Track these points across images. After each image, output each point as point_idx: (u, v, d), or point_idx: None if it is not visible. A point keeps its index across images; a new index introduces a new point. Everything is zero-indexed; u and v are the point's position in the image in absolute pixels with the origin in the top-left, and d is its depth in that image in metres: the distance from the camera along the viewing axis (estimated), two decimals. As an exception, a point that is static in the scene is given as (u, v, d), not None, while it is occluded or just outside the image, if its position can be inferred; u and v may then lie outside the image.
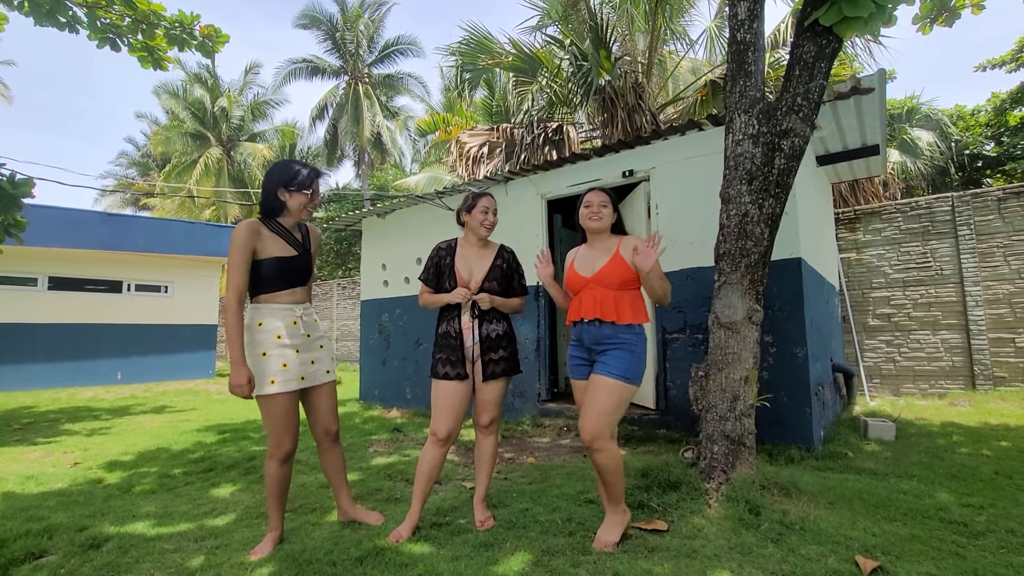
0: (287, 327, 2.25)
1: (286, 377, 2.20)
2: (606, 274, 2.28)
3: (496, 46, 8.37)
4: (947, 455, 3.69)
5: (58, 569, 2.09)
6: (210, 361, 12.81)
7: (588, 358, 2.33)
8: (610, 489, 2.22)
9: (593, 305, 2.26)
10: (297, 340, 2.27)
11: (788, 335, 3.86)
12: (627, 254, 2.28)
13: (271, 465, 2.24)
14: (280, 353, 2.20)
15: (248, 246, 2.18)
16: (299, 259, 2.32)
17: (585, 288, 2.32)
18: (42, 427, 5.97)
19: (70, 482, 3.53)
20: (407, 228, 6.63)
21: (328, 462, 2.49)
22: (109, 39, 4.30)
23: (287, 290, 2.28)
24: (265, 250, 2.23)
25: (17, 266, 10.32)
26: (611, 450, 2.19)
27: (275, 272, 2.24)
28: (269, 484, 2.25)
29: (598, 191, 2.41)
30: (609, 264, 2.29)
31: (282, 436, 2.21)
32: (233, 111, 21.66)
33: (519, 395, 5.36)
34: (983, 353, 6.09)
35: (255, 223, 2.24)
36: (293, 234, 2.33)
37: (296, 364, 2.25)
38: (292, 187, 2.27)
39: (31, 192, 4.52)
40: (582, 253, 2.45)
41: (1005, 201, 6.15)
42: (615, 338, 2.23)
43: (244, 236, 2.17)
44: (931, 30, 3.37)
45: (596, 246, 2.40)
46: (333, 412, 2.43)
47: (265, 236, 2.25)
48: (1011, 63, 10.78)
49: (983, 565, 1.97)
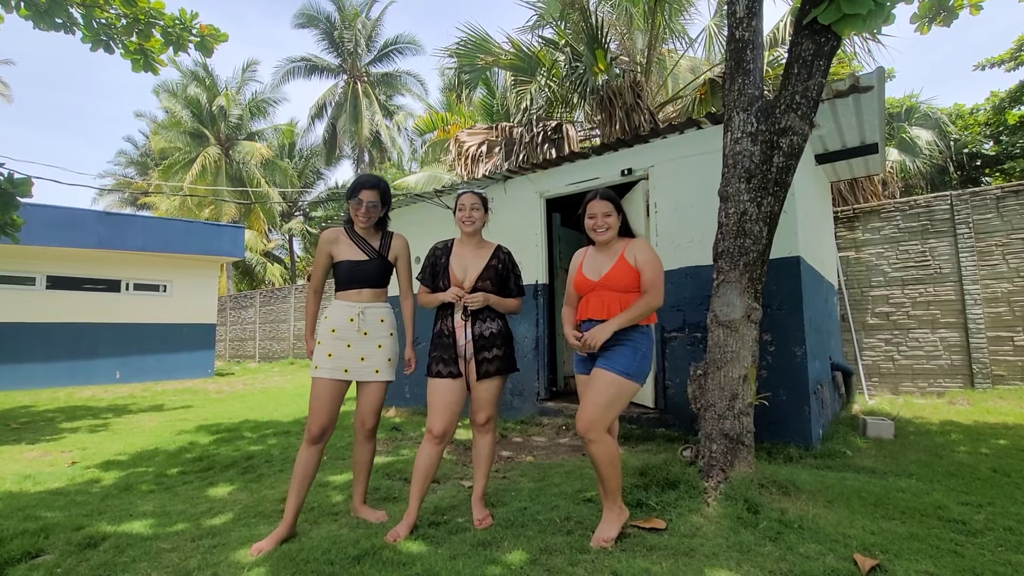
0: (344, 323, 2.49)
1: (329, 366, 2.43)
2: (612, 278, 2.32)
3: (494, 46, 8.36)
4: (945, 453, 3.70)
5: (54, 568, 2.09)
6: (209, 360, 12.79)
7: (593, 355, 2.34)
8: (606, 483, 2.23)
9: (599, 307, 2.31)
10: (351, 335, 2.48)
11: (787, 334, 3.86)
12: (632, 258, 2.32)
13: (301, 447, 2.42)
14: (330, 344, 2.45)
15: (324, 251, 2.56)
16: (368, 263, 2.56)
17: (592, 291, 2.36)
18: (40, 426, 5.96)
19: (67, 481, 3.52)
20: (406, 227, 6.59)
21: (357, 455, 2.62)
22: (102, 41, 4.27)
23: (355, 290, 2.54)
24: (340, 254, 2.55)
25: (15, 265, 10.30)
26: (606, 442, 2.20)
27: (344, 273, 2.54)
28: (295, 466, 2.39)
29: (600, 200, 2.39)
30: (615, 269, 2.33)
31: (312, 418, 2.40)
32: (231, 109, 21.62)
33: (518, 394, 5.36)
34: (982, 352, 6.10)
35: (336, 231, 2.60)
36: (369, 241, 2.60)
37: (342, 356, 2.45)
38: (351, 199, 2.56)
39: (30, 192, 4.50)
40: (590, 255, 2.47)
41: (1004, 200, 6.15)
42: (619, 336, 2.25)
43: (322, 242, 2.57)
44: (929, 29, 3.37)
45: (603, 249, 2.44)
46: (372, 409, 2.57)
47: (342, 242, 2.56)
48: (1010, 62, 10.78)
49: (981, 563, 1.97)
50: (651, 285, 2.28)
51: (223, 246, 12.57)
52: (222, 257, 12.88)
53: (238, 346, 18.71)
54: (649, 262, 2.32)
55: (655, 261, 2.34)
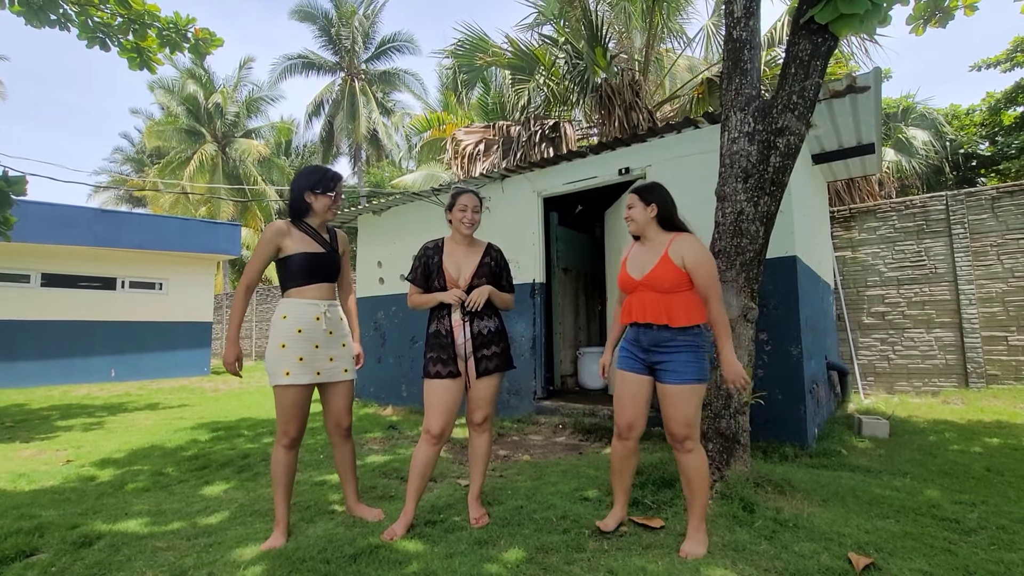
0: (310, 322, 2.34)
1: (301, 370, 2.30)
2: (655, 278, 2.15)
3: (492, 46, 8.35)
4: (940, 452, 3.72)
5: (49, 567, 2.08)
6: (205, 358, 12.74)
7: (645, 359, 2.23)
8: (699, 495, 2.14)
9: (642, 309, 2.18)
10: (318, 336, 2.36)
11: (783, 333, 3.87)
12: (678, 257, 2.13)
13: (277, 451, 2.33)
14: (298, 347, 2.30)
15: (273, 243, 2.34)
16: (327, 256, 2.43)
17: (636, 291, 2.23)
18: (34, 424, 5.93)
19: (62, 480, 3.50)
20: (403, 225, 6.62)
21: (338, 457, 2.57)
22: (99, 39, 4.25)
23: (314, 285, 2.39)
24: (293, 247, 2.36)
25: (10, 262, 10.24)
26: (700, 452, 2.17)
27: (304, 267, 2.36)
28: (274, 471, 2.33)
29: (630, 193, 2.30)
30: (658, 268, 2.15)
31: (289, 424, 2.31)
32: (228, 107, 21.52)
33: (515, 393, 5.36)
34: (976, 351, 6.13)
35: (284, 223, 2.39)
36: (321, 234, 2.46)
37: (313, 359, 2.34)
38: (317, 190, 2.41)
39: (24, 190, 4.46)
40: (636, 249, 2.33)
41: (999, 200, 6.18)
42: (674, 340, 2.13)
43: (270, 234, 2.35)
44: (924, 31, 3.39)
45: (647, 244, 2.27)
46: (346, 409, 2.51)
47: (294, 235, 2.38)
48: (1006, 63, 10.83)
49: (974, 562, 1.98)
50: (710, 289, 2.10)
51: (219, 244, 12.51)
52: (218, 255, 12.81)
53: (234, 344, 18.62)
54: (700, 262, 2.11)
55: (707, 260, 2.14)
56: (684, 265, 2.12)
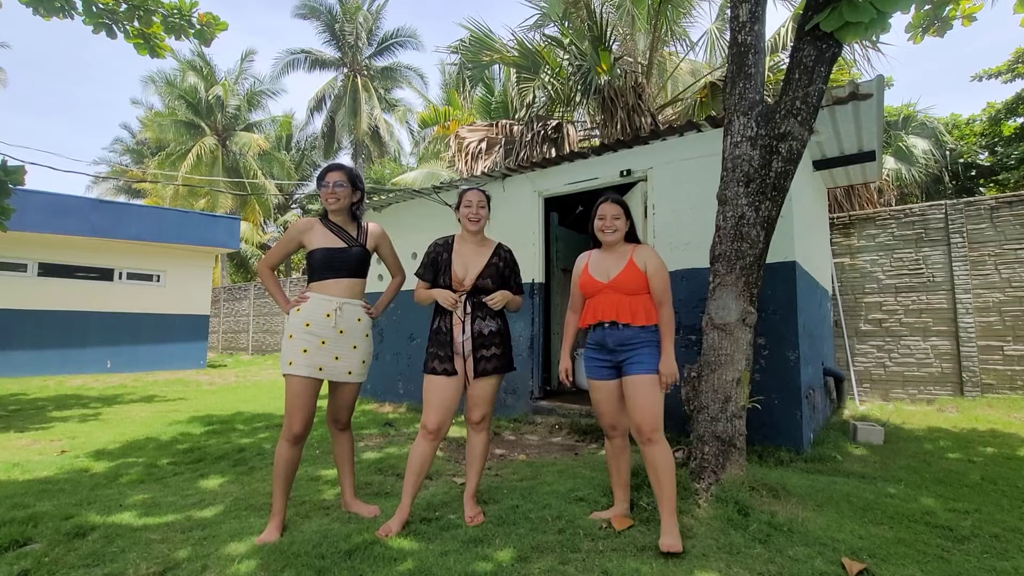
0: (320, 318, 2.38)
1: (303, 362, 2.33)
2: (622, 281, 2.38)
3: (497, 43, 8.34)
4: (934, 460, 3.73)
5: (42, 557, 2.07)
6: (201, 351, 12.71)
7: (611, 360, 2.38)
8: (666, 488, 2.22)
9: (610, 308, 2.37)
10: (326, 332, 2.39)
11: (781, 338, 3.88)
12: (641, 263, 2.39)
13: (281, 445, 2.34)
14: (304, 339, 2.35)
15: (295, 238, 2.49)
16: (345, 251, 2.47)
17: (601, 293, 2.41)
18: (29, 414, 5.91)
19: (56, 470, 3.50)
20: (403, 223, 6.61)
21: (336, 449, 2.61)
22: (105, 25, 4.23)
23: (332, 280, 2.44)
24: (314, 242, 2.45)
25: (7, 251, 10.20)
26: (665, 443, 2.27)
27: (321, 261, 2.44)
28: (275, 465, 2.34)
29: (612, 203, 2.47)
30: (625, 272, 2.39)
31: (292, 417, 2.32)
32: (229, 100, 21.46)
33: (512, 392, 5.36)
34: (972, 360, 6.15)
35: (311, 220, 2.51)
36: (346, 229, 2.52)
37: (316, 354, 2.36)
38: (319, 187, 2.52)
39: (22, 180, 4.44)
40: (596, 258, 2.52)
41: (998, 210, 6.20)
42: (638, 337, 2.32)
43: (294, 230, 2.50)
44: (922, 39, 3.40)
45: (610, 253, 2.49)
46: (346, 407, 2.54)
47: (317, 231, 2.47)
48: (1007, 73, 10.86)
49: (967, 569, 1.99)
50: (664, 294, 2.38)
51: (218, 237, 12.48)
52: (217, 248, 12.78)
53: (231, 338, 18.62)
54: (659, 270, 2.40)
55: (664, 269, 2.42)
56: (646, 270, 2.38)
